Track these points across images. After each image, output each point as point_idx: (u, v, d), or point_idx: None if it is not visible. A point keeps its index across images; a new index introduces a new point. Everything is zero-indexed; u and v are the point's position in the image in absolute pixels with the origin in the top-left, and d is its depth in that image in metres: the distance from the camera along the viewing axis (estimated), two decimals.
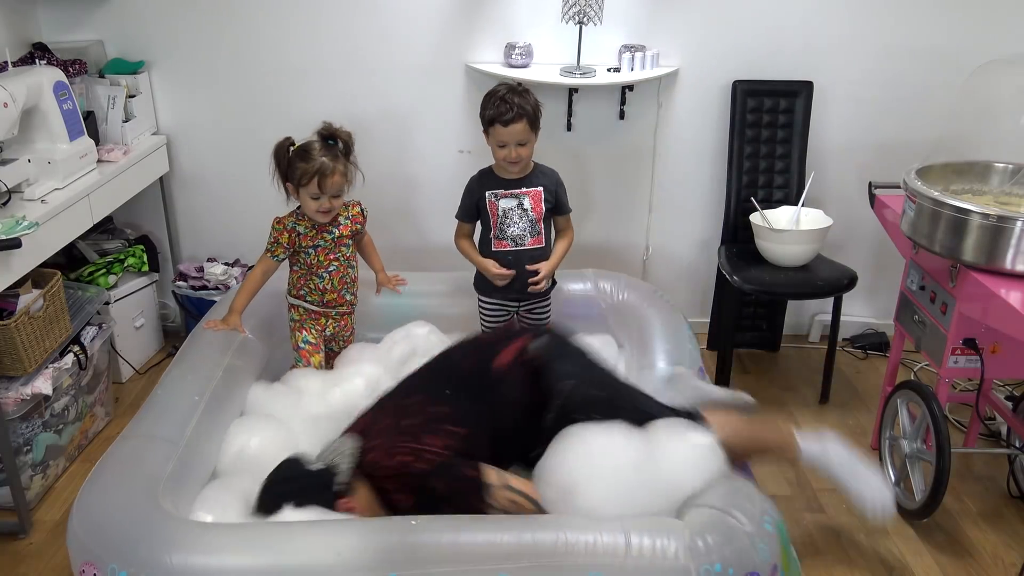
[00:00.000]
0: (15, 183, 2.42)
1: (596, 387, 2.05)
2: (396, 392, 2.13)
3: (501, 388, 2.02)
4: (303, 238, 2.49)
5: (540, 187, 2.57)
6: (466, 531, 1.68)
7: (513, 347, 2.08)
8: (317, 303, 2.57)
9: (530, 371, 2.03)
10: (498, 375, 2.04)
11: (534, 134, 2.50)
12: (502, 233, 2.58)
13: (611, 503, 1.77)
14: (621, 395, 2.07)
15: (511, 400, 2.02)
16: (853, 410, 3.01)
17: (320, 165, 2.36)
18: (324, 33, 3.08)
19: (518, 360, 2.06)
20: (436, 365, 2.16)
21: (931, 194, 2.22)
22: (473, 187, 2.62)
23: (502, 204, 2.56)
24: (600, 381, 2.09)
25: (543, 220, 2.60)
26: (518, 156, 2.49)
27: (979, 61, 2.59)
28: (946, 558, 2.32)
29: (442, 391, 2.03)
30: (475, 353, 2.15)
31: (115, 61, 3.09)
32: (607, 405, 1.97)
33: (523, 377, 2.03)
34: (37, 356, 2.41)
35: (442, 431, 1.94)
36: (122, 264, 3.07)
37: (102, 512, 1.73)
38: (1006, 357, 2.31)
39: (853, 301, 3.39)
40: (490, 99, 2.47)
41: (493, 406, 2.01)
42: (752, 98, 3.10)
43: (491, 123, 2.47)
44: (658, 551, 1.64)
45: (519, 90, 2.47)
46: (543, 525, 1.71)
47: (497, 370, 2.05)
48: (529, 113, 2.44)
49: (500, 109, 2.44)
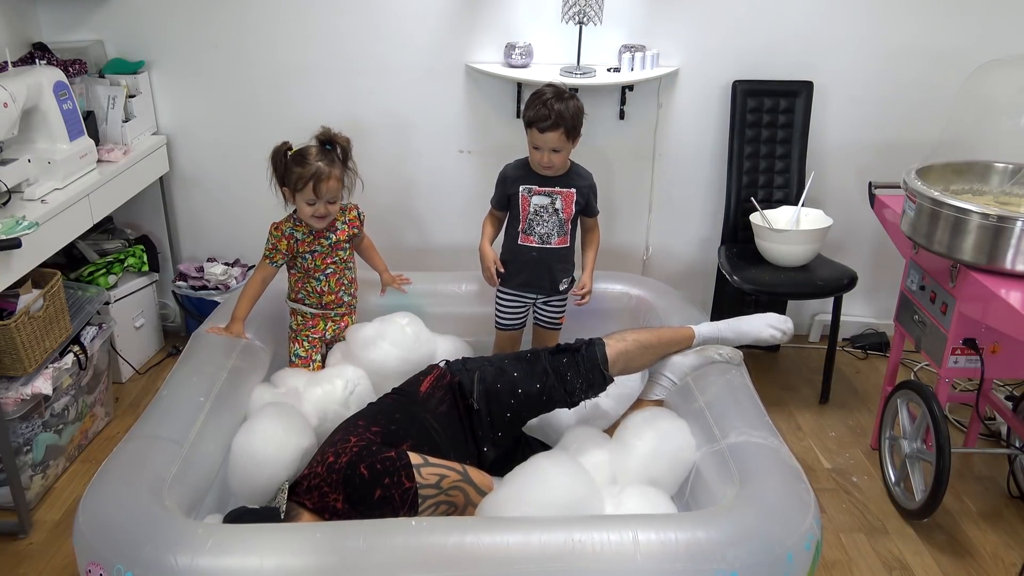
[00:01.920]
0: (15, 183, 2.42)
1: (499, 360, 2.31)
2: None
3: (429, 404, 2.18)
4: (300, 244, 2.49)
5: (574, 189, 2.57)
6: (472, 533, 1.68)
7: (432, 375, 2.25)
8: (316, 305, 2.58)
9: (449, 385, 2.22)
10: (424, 396, 2.20)
11: (571, 142, 2.49)
12: (530, 229, 2.59)
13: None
14: (519, 357, 2.33)
15: (439, 412, 2.17)
16: (853, 410, 3.01)
17: (316, 170, 2.36)
18: (324, 33, 3.08)
19: (439, 381, 2.23)
20: (366, 409, 2.23)
21: (931, 194, 2.22)
22: (507, 177, 2.62)
23: (535, 201, 2.57)
24: (499, 358, 2.34)
25: (571, 221, 2.60)
26: (550, 162, 2.49)
27: (979, 61, 2.60)
28: (946, 558, 2.32)
29: (373, 419, 2.13)
30: (401, 389, 2.27)
31: (115, 61, 3.08)
32: (513, 362, 2.28)
33: (444, 393, 2.21)
34: (37, 356, 2.41)
35: (359, 427, 2.05)
36: (122, 264, 3.07)
37: (108, 512, 1.73)
38: (1006, 357, 2.31)
39: (853, 301, 3.40)
40: (534, 100, 2.46)
41: (423, 418, 2.13)
42: (752, 98, 3.10)
43: (529, 125, 2.47)
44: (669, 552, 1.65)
45: (565, 96, 2.45)
46: (551, 526, 1.70)
47: (423, 393, 2.20)
48: (567, 123, 2.43)
49: (540, 114, 2.42)
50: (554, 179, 2.57)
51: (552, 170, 2.53)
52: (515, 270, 2.64)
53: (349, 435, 2.02)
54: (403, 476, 1.90)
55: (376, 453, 1.94)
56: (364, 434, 2.01)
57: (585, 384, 2.26)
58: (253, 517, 1.87)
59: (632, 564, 1.63)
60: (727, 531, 1.69)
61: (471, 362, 2.31)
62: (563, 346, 2.33)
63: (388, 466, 1.91)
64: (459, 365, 2.28)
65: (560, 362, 2.27)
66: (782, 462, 1.92)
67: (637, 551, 1.64)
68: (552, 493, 1.88)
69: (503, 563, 1.64)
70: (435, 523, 1.73)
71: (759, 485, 1.83)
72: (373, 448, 1.95)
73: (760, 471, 1.88)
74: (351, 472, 1.91)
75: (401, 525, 1.73)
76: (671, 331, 2.46)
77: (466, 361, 2.32)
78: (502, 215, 2.68)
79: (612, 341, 2.31)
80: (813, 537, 1.73)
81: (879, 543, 2.37)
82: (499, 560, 1.64)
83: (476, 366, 2.27)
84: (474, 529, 1.69)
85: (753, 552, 1.65)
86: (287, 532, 1.73)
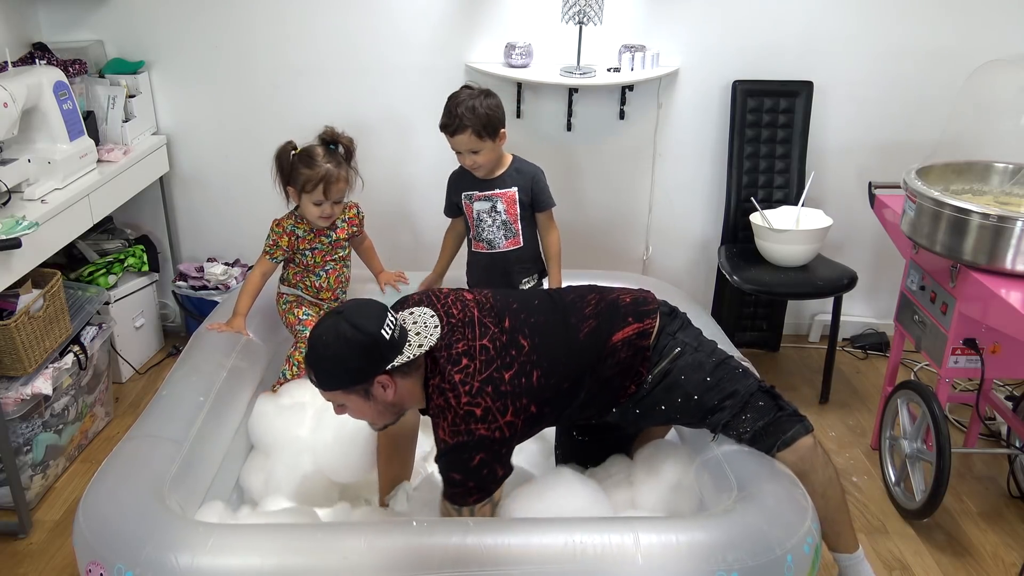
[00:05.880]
0: (15, 183, 2.42)
1: (707, 354, 2.02)
2: (519, 306, 1.99)
3: (610, 358, 1.95)
4: (301, 241, 2.51)
5: (514, 188, 2.50)
6: (474, 534, 1.68)
7: (634, 327, 1.98)
8: (313, 297, 2.61)
9: (636, 352, 1.97)
10: (611, 347, 1.95)
11: (488, 141, 2.39)
12: (479, 235, 2.57)
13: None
14: (728, 365, 2.02)
15: (609, 362, 1.95)
16: (853, 410, 3.01)
17: (325, 172, 2.36)
18: (324, 33, 3.08)
19: (638, 339, 1.97)
20: (556, 307, 2.01)
21: (931, 194, 2.22)
22: (451, 185, 2.60)
23: (476, 206, 2.53)
24: (709, 352, 2.03)
25: (520, 220, 2.54)
26: (473, 163, 2.43)
27: (979, 61, 2.60)
28: (946, 558, 2.32)
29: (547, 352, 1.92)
30: (597, 317, 2.00)
31: (115, 61, 3.08)
32: (718, 368, 1.99)
33: (626, 356, 1.96)
34: (37, 356, 2.41)
35: (525, 350, 1.88)
36: (122, 264, 3.07)
37: (108, 511, 1.73)
38: (1006, 357, 2.31)
39: (853, 301, 3.40)
40: (445, 104, 2.40)
41: (590, 373, 1.94)
42: (752, 98, 3.10)
43: (441, 130, 2.42)
44: (670, 554, 1.65)
45: (474, 95, 2.37)
46: (553, 527, 1.70)
47: (612, 342, 1.96)
48: (474, 123, 2.34)
49: (445, 118, 2.38)
50: (491, 181, 2.50)
51: (481, 171, 2.47)
52: (474, 278, 2.62)
53: (519, 341, 1.87)
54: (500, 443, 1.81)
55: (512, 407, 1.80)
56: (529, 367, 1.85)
57: (748, 436, 1.97)
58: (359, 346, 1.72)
59: (633, 565, 1.63)
60: (727, 533, 1.69)
61: (686, 333, 2.03)
62: (777, 394, 2.03)
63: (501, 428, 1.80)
64: (672, 326, 2.02)
65: (756, 402, 1.98)
66: (779, 468, 1.92)
67: (638, 552, 1.64)
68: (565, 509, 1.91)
69: (503, 564, 1.63)
70: (435, 523, 1.73)
71: (758, 489, 1.83)
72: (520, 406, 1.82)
73: (759, 476, 1.88)
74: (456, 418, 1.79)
75: (401, 525, 1.73)
76: (848, 527, 2.05)
77: (685, 328, 2.05)
78: (456, 221, 2.66)
79: (803, 454, 1.95)
80: (812, 540, 1.74)
81: (879, 543, 2.37)
82: (499, 561, 1.64)
83: (683, 343, 2.00)
84: (474, 530, 1.69)
85: (753, 554, 1.65)
86: (287, 532, 1.73)
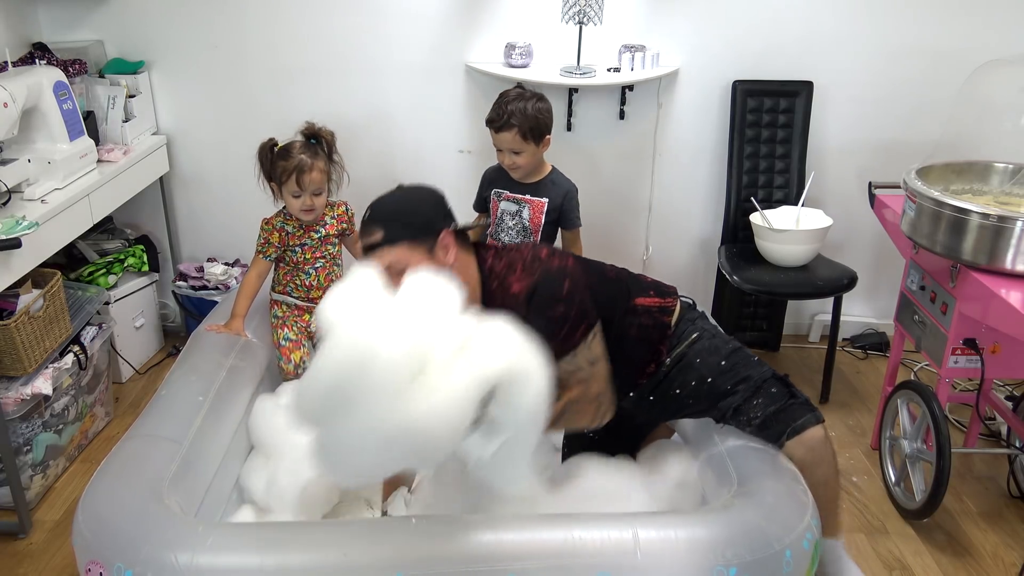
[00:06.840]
0: (15, 183, 2.42)
1: (723, 341, 2.08)
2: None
3: (633, 317, 2.02)
4: (291, 237, 2.53)
5: (545, 199, 2.50)
6: (473, 531, 1.68)
7: (658, 299, 2.07)
8: (302, 299, 2.60)
9: (658, 326, 2.04)
10: (633, 307, 2.03)
11: (531, 144, 2.42)
12: (496, 234, 2.57)
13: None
14: (741, 354, 2.06)
15: (634, 325, 2.02)
16: (853, 410, 3.01)
17: (298, 162, 2.41)
18: (324, 33, 3.08)
19: (659, 314, 2.05)
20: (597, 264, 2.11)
21: (931, 194, 2.22)
22: (485, 179, 2.60)
23: (503, 206, 2.54)
24: (725, 339, 2.10)
25: (540, 232, 2.53)
26: (512, 163, 2.46)
27: (979, 61, 2.60)
28: (946, 558, 2.32)
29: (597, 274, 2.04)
30: (619, 280, 2.10)
31: (115, 61, 3.08)
32: (733, 354, 2.04)
33: (648, 324, 2.04)
34: (37, 356, 2.41)
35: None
36: (122, 264, 3.07)
37: (108, 511, 1.73)
38: (1006, 357, 2.31)
39: (853, 301, 3.39)
40: (496, 100, 2.45)
41: (614, 310, 2.00)
42: (752, 98, 3.10)
43: (487, 124, 2.45)
44: (669, 550, 1.65)
45: (526, 96, 2.42)
46: (551, 524, 1.70)
47: (636, 304, 2.04)
48: (522, 123, 2.37)
49: (494, 113, 2.41)
50: (527, 186, 2.51)
51: (518, 172, 2.49)
52: None
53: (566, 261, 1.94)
54: (586, 324, 1.87)
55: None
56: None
57: (758, 421, 1.98)
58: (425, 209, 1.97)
59: (632, 561, 1.63)
60: (726, 528, 1.69)
61: (705, 322, 2.11)
62: (791, 383, 2.04)
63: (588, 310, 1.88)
64: (692, 314, 2.10)
65: (769, 388, 1.99)
66: (781, 464, 1.92)
67: (637, 548, 1.64)
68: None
69: (504, 560, 1.64)
70: (435, 523, 1.73)
71: (758, 485, 1.83)
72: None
73: (760, 472, 1.88)
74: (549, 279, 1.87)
75: (401, 525, 1.73)
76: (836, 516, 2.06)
77: (704, 319, 2.12)
78: (481, 216, 2.65)
79: (813, 445, 1.95)
80: (812, 536, 1.74)
81: (879, 543, 2.37)
82: (500, 557, 1.64)
83: (702, 328, 2.07)
84: (474, 527, 1.69)
85: (751, 549, 1.65)
86: (287, 531, 1.73)
